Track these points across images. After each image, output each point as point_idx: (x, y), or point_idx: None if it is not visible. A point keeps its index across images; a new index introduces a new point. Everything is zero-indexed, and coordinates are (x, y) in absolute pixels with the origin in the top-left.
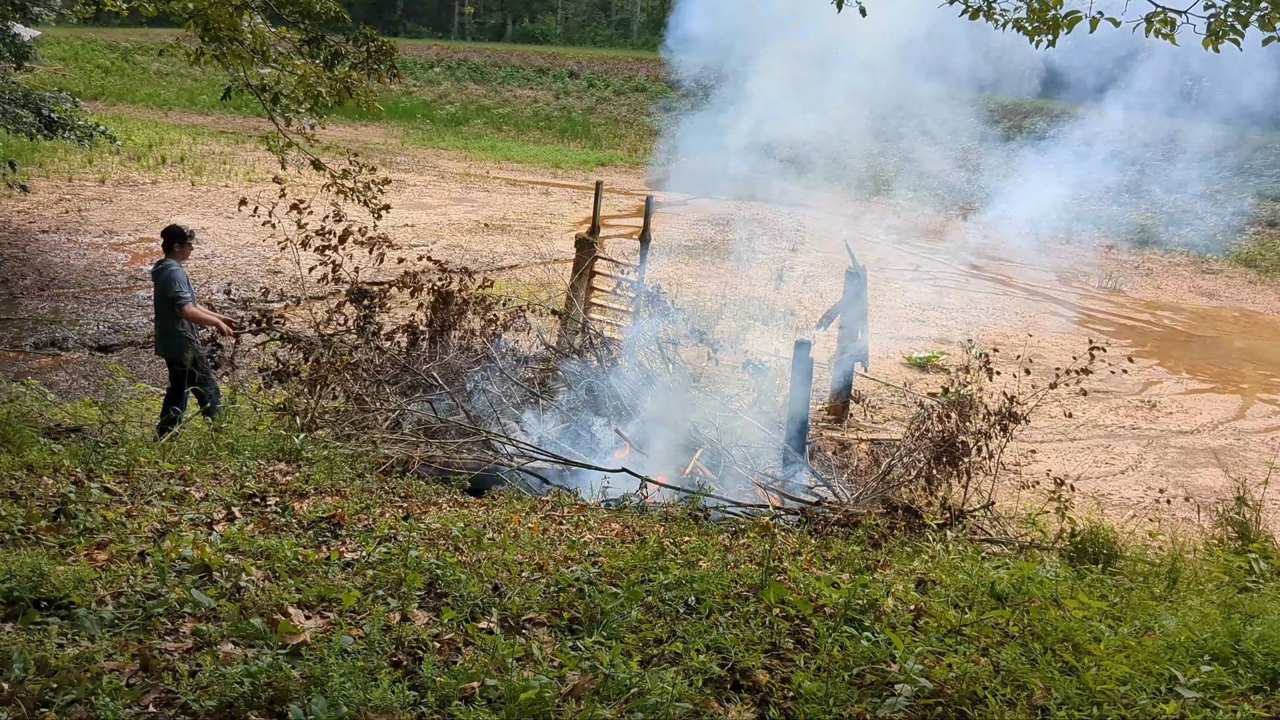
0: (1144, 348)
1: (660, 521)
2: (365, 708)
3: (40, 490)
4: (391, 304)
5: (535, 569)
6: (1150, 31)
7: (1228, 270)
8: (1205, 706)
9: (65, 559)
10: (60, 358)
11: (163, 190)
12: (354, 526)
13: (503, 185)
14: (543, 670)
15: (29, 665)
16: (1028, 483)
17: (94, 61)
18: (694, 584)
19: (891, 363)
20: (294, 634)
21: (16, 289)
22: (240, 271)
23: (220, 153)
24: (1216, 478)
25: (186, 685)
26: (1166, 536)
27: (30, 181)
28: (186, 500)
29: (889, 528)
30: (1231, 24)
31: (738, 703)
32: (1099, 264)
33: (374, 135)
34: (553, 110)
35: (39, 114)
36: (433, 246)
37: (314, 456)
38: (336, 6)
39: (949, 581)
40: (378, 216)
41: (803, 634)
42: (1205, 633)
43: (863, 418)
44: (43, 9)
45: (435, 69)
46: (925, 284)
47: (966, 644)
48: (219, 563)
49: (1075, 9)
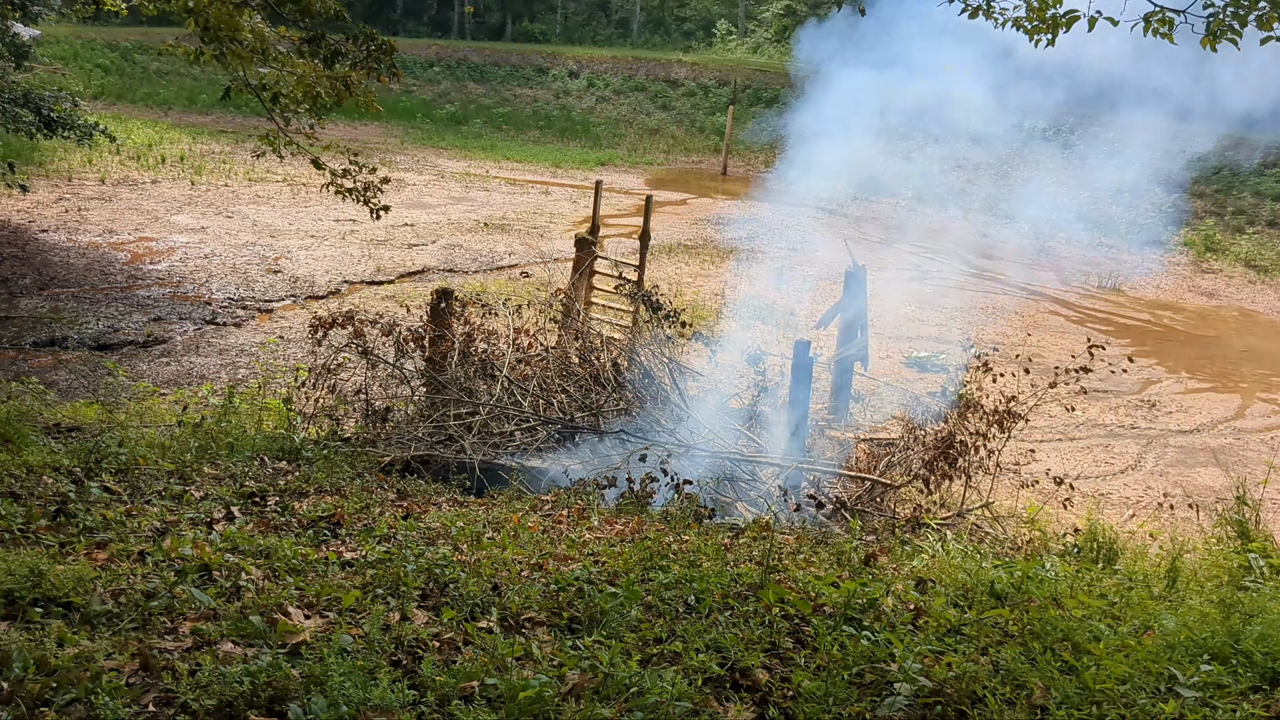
0: (1144, 347)
1: (660, 521)
2: (365, 707)
3: (40, 489)
4: None
5: (534, 568)
6: (1149, 31)
7: (1228, 270)
8: (1204, 706)
9: (65, 558)
10: (60, 357)
11: (162, 190)
12: (353, 526)
13: (502, 185)
14: (542, 669)
15: (29, 664)
16: (1027, 482)
17: (94, 61)
18: (693, 583)
19: (891, 362)
20: (293, 633)
21: (16, 288)
22: (240, 271)
23: (220, 152)
24: (1216, 477)
25: (186, 684)
26: (1166, 536)
27: (30, 181)
28: (186, 499)
29: (887, 527)
30: (1230, 24)
31: (737, 702)
32: (1099, 264)
33: (374, 134)
34: (552, 110)
35: (38, 113)
36: (432, 245)
37: (314, 456)
38: (336, 5)
39: (948, 581)
40: (376, 217)
41: (802, 633)
42: (1204, 632)
43: (863, 418)
44: (42, 8)
45: (435, 68)
46: (925, 284)
47: (966, 643)
48: (219, 562)
49: (1074, 8)
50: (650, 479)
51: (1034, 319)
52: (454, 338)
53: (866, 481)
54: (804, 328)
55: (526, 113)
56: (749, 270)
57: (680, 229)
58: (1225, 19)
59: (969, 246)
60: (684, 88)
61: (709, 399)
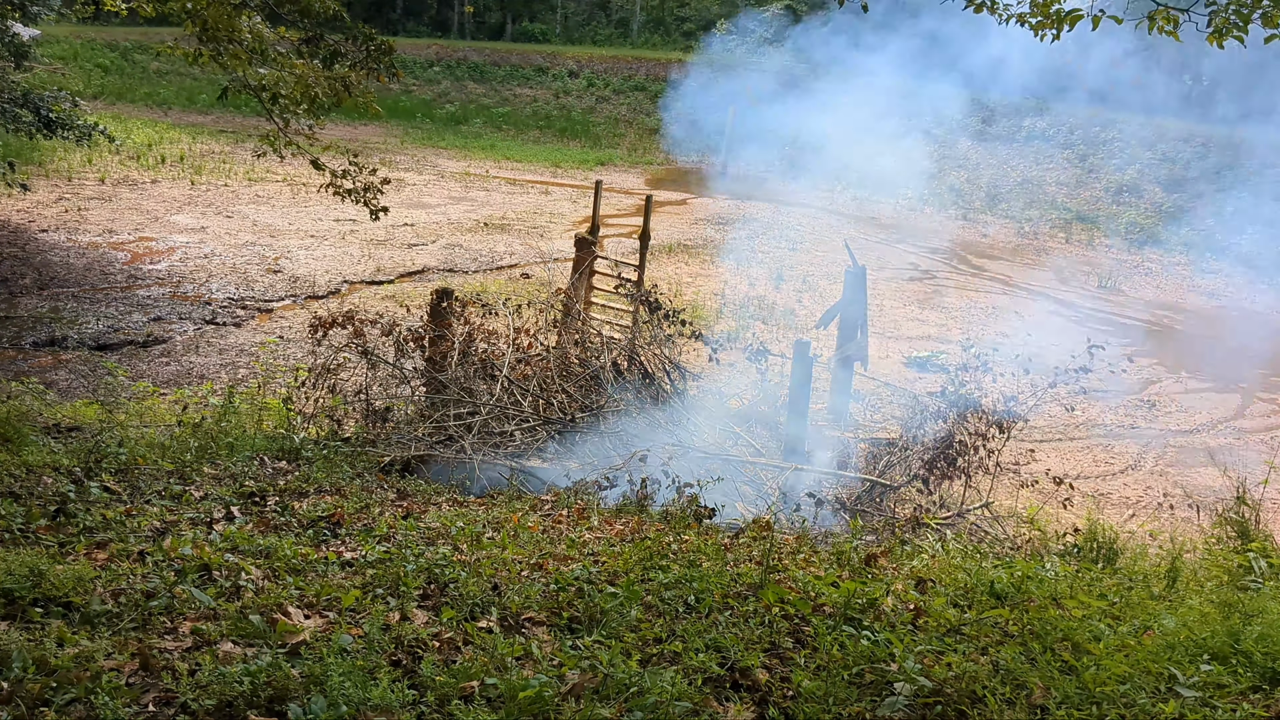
0: (1144, 347)
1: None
2: (365, 707)
3: (40, 489)
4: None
5: (534, 568)
6: (1153, 29)
7: (1227, 270)
8: (1204, 706)
9: (65, 558)
10: (60, 357)
11: (162, 189)
12: (353, 526)
13: (502, 184)
14: (542, 669)
15: (28, 664)
16: (1027, 482)
17: (93, 60)
18: (693, 583)
19: (891, 362)
20: (293, 633)
21: (16, 288)
22: (240, 270)
23: (220, 152)
24: (1216, 477)
25: (186, 684)
26: (1166, 536)
27: (30, 181)
28: (186, 499)
29: (888, 527)
30: (1234, 21)
31: (737, 702)
32: (1099, 263)
33: (374, 134)
34: (552, 110)
35: (38, 113)
36: (432, 245)
37: (313, 455)
38: (335, 5)
39: (948, 581)
40: (375, 218)
41: (802, 633)
42: (1204, 632)
43: (863, 418)
44: (42, 8)
45: (434, 68)
46: (925, 283)
47: (966, 643)
48: (218, 562)
49: (1077, 7)
50: (648, 481)
51: (1034, 318)
52: (454, 338)
53: (866, 481)
54: (804, 328)
55: (526, 112)
56: (749, 270)
57: (680, 229)
58: (1229, 16)
59: (967, 246)
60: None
61: (709, 399)
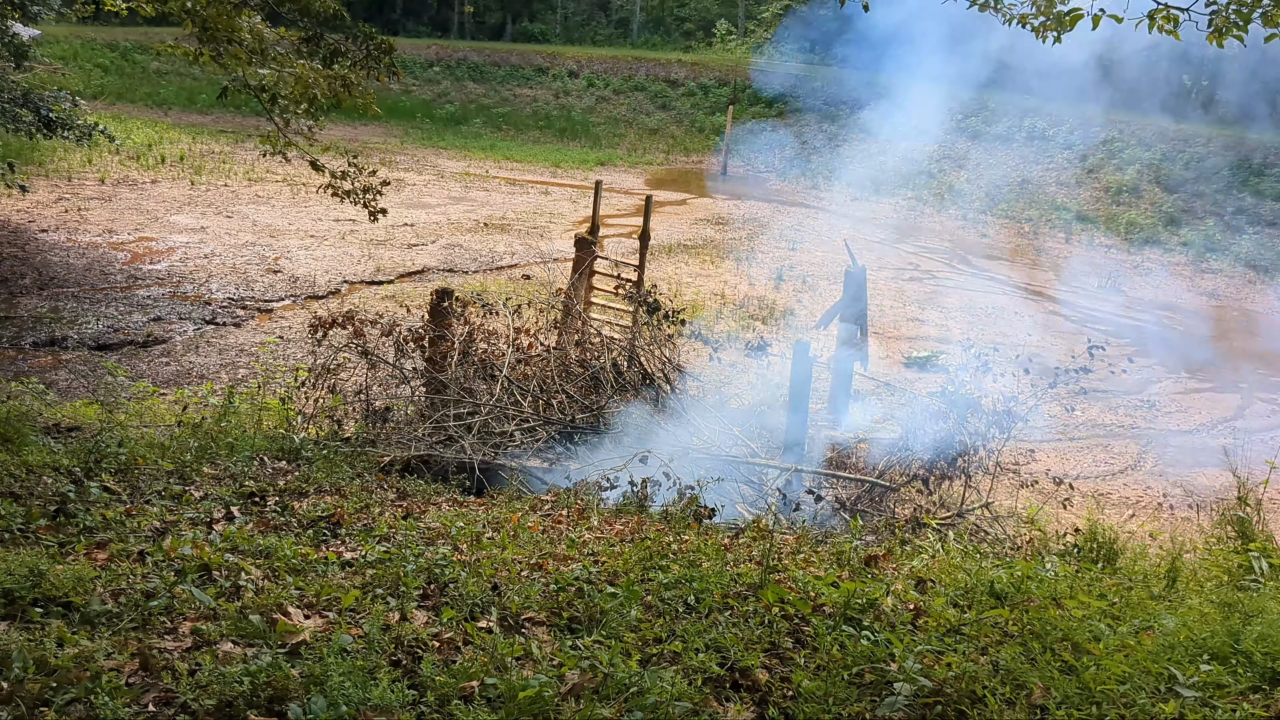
0: (1144, 347)
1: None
2: (364, 707)
3: (40, 489)
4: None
5: (534, 568)
6: (1153, 28)
7: (1227, 270)
8: (1204, 705)
9: (64, 558)
10: (60, 357)
11: (162, 189)
12: (353, 526)
13: (502, 185)
14: (542, 669)
15: (28, 664)
16: (1027, 482)
17: (93, 60)
18: (693, 583)
19: (891, 362)
20: (293, 633)
21: (16, 288)
22: (240, 270)
23: (220, 152)
24: (1216, 477)
25: (186, 684)
26: (1166, 536)
27: (30, 181)
28: (186, 499)
29: (888, 527)
30: (1234, 20)
31: (737, 702)
32: (1099, 263)
33: (373, 135)
34: (552, 110)
35: (38, 113)
36: (432, 245)
37: (313, 455)
38: (335, 5)
39: (948, 581)
40: (374, 219)
41: (802, 633)
42: (1204, 632)
43: (863, 418)
44: (42, 8)
45: (434, 68)
46: (925, 283)
47: (966, 643)
48: (218, 562)
49: (1077, 7)
50: (648, 481)
51: (1034, 319)
52: (454, 338)
53: (866, 482)
54: (804, 328)
55: (526, 113)
56: (749, 270)
57: (680, 229)
58: (1229, 15)
59: (967, 246)
60: (684, 88)
61: (709, 399)
